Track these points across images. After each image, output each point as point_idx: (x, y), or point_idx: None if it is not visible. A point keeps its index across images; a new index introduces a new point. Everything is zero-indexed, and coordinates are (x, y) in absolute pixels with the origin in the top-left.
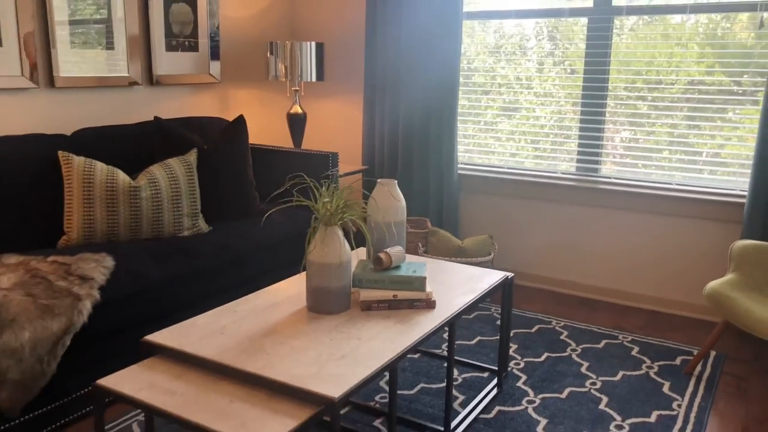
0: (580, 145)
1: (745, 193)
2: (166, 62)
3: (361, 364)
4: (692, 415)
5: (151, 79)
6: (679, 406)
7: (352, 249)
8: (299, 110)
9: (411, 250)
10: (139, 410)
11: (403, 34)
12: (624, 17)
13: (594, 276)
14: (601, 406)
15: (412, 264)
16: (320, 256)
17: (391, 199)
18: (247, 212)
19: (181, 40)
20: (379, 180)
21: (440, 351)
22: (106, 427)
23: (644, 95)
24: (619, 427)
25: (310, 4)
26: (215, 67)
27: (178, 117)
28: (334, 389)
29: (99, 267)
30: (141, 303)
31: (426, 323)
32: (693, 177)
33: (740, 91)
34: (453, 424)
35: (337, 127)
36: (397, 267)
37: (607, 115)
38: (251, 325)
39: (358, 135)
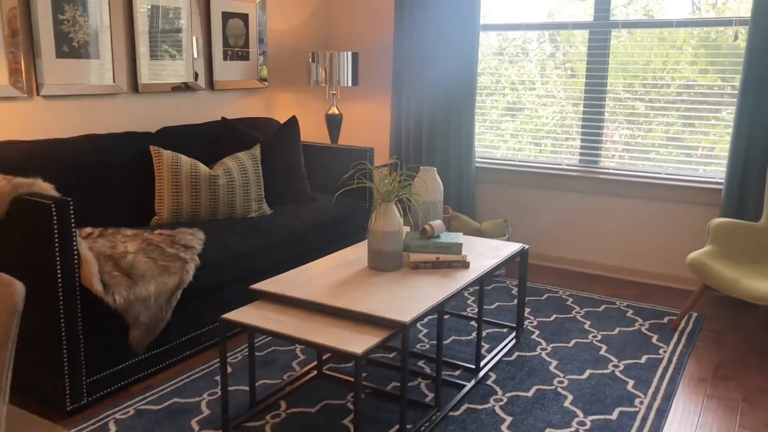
0: (582, 140)
1: (722, 181)
2: (224, 70)
3: (419, 302)
4: (674, 358)
5: (212, 84)
6: (664, 351)
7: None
8: (336, 111)
9: None
10: (228, 354)
11: (427, 44)
12: (619, 28)
13: (595, 254)
14: (601, 352)
15: (450, 234)
16: (381, 226)
17: (433, 182)
18: (300, 198)
19: (236, 50)
20: (421, 167)
21: (466, 313)
22: (207, 364)
23: (642, 96)
24: (615, 366)
25: (344, 18)
26: (264, 73)
27: (234, 117)
28: (404, 317)
29: (195, 238)
30: (228, 268)
31: (463, 278)
32: (680, 167)
33: (726, 93)
34: (482, 363)
35: (369, 125)
36: (438, 236)
37: (606, 114)
38: (329, 278)
39: (386, 133)
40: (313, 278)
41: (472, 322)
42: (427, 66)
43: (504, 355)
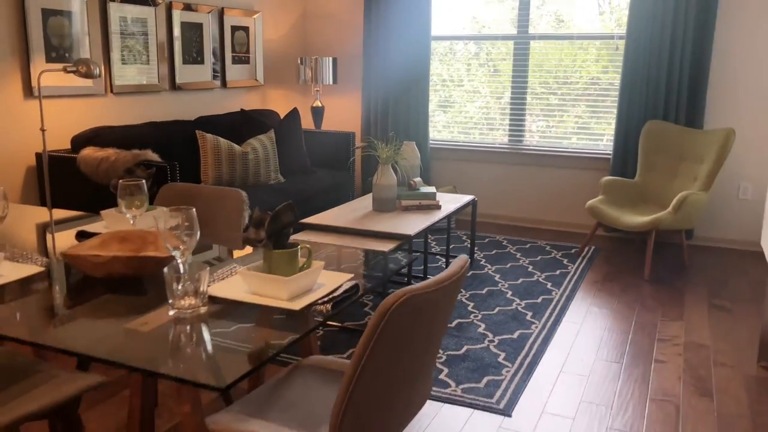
0: (510, 124)
1: (611, 152)
2: (233, 72)
3: (414, 226)
4: (578, 271)
5: (224, 83)
6: (572, 268)
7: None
8: (319, 104)
9: None
10: None
11: (389, 50)
12: (537, 40)
13: (522, 210)
14: (529, 269)
15: (426, 187)
16: (382, 180)
17: (414, 152)
18: (303, 170)
19: (240, 55)
20: (405, 141)
21: (432, 250)
22: None
23: (554, 90)
24: (539, 276)
25: (321, 29)
26: (260, 73)
27: (242, 109)
28: (409, 231)
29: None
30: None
31: (439, 214)
32: (580, 143)
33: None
34: None
35: (345, 115)
36: (419, 188)
37: (528, 102)
38: (349, 216)
39: (358, 120)
40: (338, 216)
41: (438, 255)
42: (390, 68)
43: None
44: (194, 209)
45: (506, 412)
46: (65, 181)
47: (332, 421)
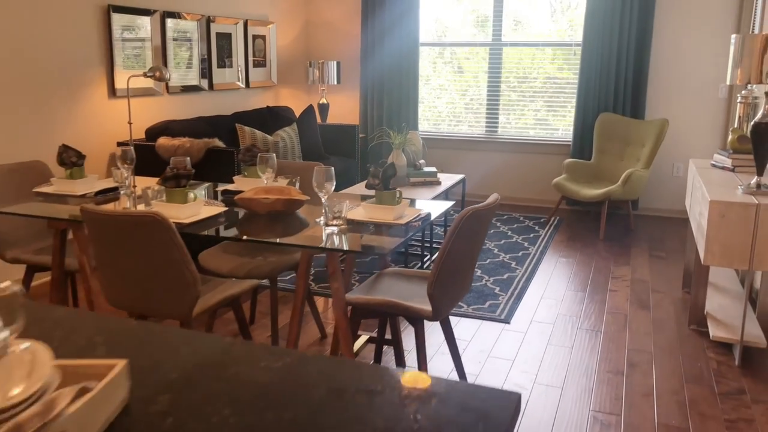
0: (486, 116)
1: (571, 140)
2: (253, 74)
3: (426, 195)
4: (547, 235)
5: (248, 84)
6: (542, 232)
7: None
8: (325, 101)
9: None
10: None
11: (383, 55)
12: (508, 46)
13: (499, 189)
14: (508, 234)
15: (430, 168)
16: (395, 160)
17: (419, 138)
18: (319, 157)
19: (258, 59)
20: (410, 130)
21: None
22: None
23: (515, 87)
24: (517, 238)
25: (322, 36)
26: (274, 75)
27: (263, 106)
28: (427, 198)
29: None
30: None
31: (440, 188)
32: (546, 132)
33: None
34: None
35: (346, 110)
36: (422, 169)
37: (500, 99)
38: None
39: (356, 114)
40: (364, 189)
41: (436, 225)
42: (384, 69)
43: None
44: (331, 167)
45: (506, 320)
46: (143, 164)
47: (429, 281)
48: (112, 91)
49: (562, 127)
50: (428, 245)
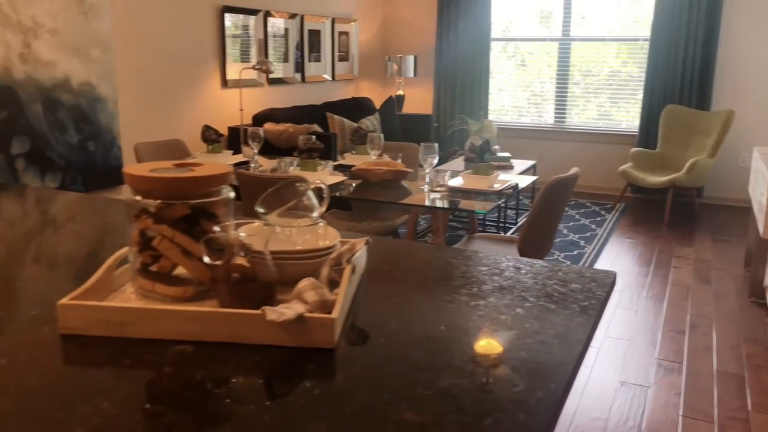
0: (555, 109)
1: (636, 130)
2: (338, 68)
3: (505, 177)
4: (613, 219)
5: (333, 76)
6: (608, 216)
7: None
8: (402, 92)
9: None
10: None
11: (456, 49)
12: (577, 41)
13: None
14: (576, 217)
15: (503, 153)
16: (470, 144)
17: (493, 126)
18: (394, 138)
19: (342, 54)
20: (485, 119)
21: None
22: None
23: (577, 81)
24: (585, 221)
25: (397, 31)
26: (355, 68)
27: (349, 97)
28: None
29: None
30: None
31: (515, 171)
32: (612, 122)
33: (640, 79)
34: (519, 219)
35: (419, 101)
36: (496, 154)
37: (568, 92)
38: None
39: (428, 104)
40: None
41: (509, 209)
42: (458, 64)
43: None
44: (435, 143)
45: None
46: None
47: (520, 237)
48: (224, 82)
49: (625, 120)
50: (502, 224)
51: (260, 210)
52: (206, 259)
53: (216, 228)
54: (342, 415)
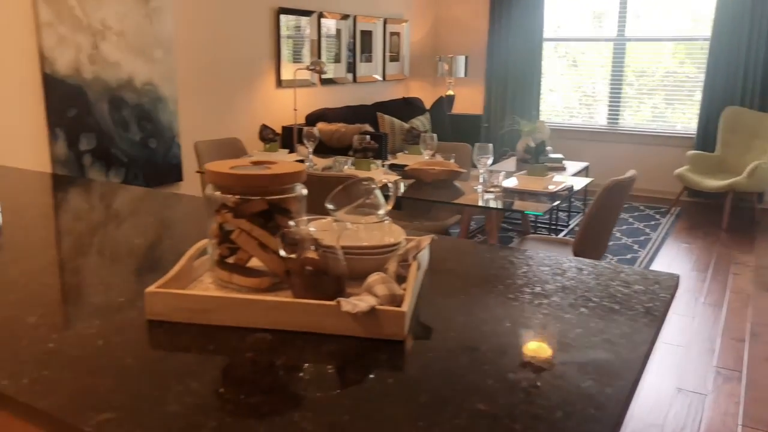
0: (609, 109)
1: (695, 132)
2: (389, 68)
3: (559, 178)
4: (668, 224)
5: (384, 77)
6: (663, 221)
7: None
8: (452, 93)
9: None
10: None
11: (508, 49)
12: (633, 41)
13: None
14: (629, 221)
15: (555, 154)
16: (522, 145)
17: (545, 127)
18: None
19: (393, 54)
20: (538, 120)
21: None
22: None
23: (631, 82)
24: (639, 225)
25: (448, 32)
26: (406, 69)
27: (399, 97)
28: (565, 180)
29: None
30: None
31: (567, 173)
32: (667, 125)
33: (697, 79)
34: (571, 222)
35: (469, 102)
36: (549, 155)
37: (621, 93)
38: (508, 169)
39: (478, 105)
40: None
41: (561, 211)
42: (509, 64)
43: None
44: (489, 144)
45: None
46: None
47: (576, 239)
48: (279, 82)
49: (680, 122)
50: (554, 227)
51: (330, 207)
52: (282, 252)
53: (291, 223)
54: (417, 403)
